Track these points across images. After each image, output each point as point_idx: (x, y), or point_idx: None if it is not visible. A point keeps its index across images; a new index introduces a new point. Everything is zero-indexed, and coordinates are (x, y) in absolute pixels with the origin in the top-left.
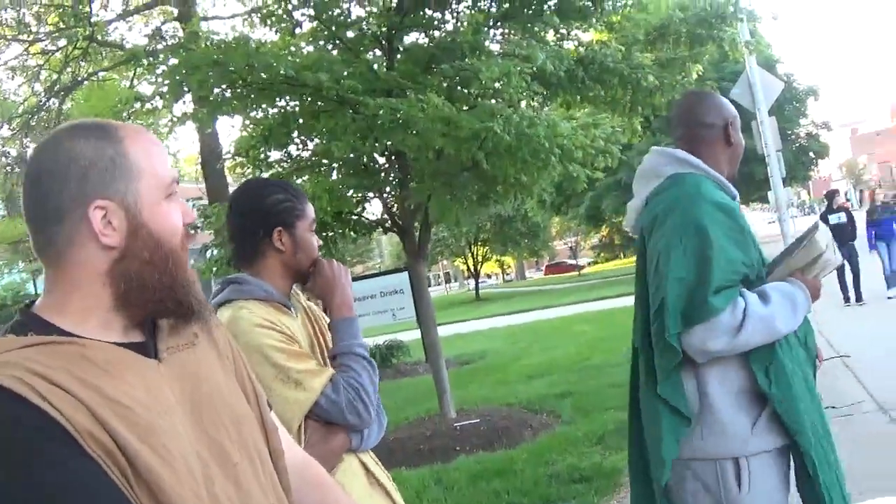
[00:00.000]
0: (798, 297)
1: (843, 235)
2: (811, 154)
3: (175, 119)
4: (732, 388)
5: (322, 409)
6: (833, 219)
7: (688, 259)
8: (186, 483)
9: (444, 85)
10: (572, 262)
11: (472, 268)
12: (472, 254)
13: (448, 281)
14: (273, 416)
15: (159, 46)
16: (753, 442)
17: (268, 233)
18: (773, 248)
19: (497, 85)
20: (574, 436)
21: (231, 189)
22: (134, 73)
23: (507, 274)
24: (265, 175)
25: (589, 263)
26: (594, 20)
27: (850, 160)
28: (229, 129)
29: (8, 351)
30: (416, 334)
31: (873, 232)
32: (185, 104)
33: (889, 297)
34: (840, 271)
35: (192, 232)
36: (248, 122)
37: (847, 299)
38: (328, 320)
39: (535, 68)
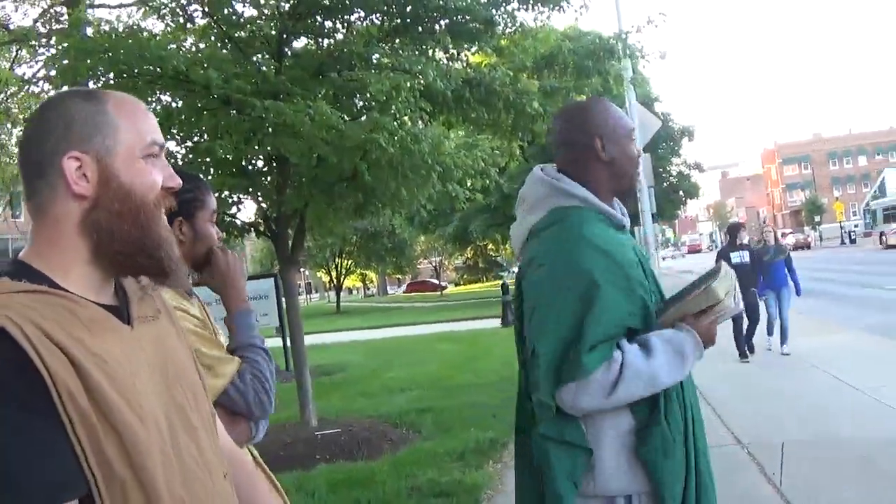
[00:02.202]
0: (686, 347)
1: (745, 279)
2: (681, 193)
3: None
4: (620, 429)
5: (229, 398)
6: (735, 257)
7: (566, 312)
8: (155, 440)
9: (332, 93)
10: (435, 281)
11: (334, 280)
12: (336, 266)
13: (309, 291)
14: None
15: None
16: (643, 478)
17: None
18: None
19: (384, 99)
20: (435, 451)
21: None
22: (14, 56)
23: (369, 289)
24: None
25: (454, 283)
26: (484, 43)
27: (718, 202)
28: None
29: (5, 293)
30: (276, 342)
31: (761, 277)
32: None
33: (784, 354)
34: (738, 326)
35: (173, 197)
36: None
37: (744, 354)
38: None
39: (423, 85)
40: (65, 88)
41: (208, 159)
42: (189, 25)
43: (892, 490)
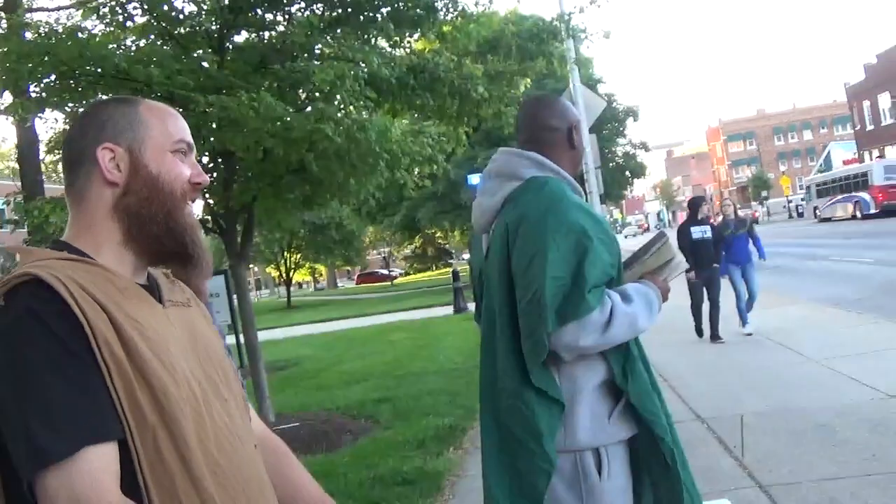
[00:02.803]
0: (653, 297)
1: (705, 255)
2: (627, 173)
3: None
4: (594, 382)
5: None
6: (696, 232)
7: (565, 259)
8: (188, 400)
9: (276, 85)
10: (385, 271)
11: (284, 275)
12: (285, 261)
13: (259, 288)
14: None
15: None
16: (611, 431)
17: None
18: None
19: (329, 88)
20: (395, 440)
21: (47, 185)
22: None
23: (319, 282)
24: None
25: (404, 273)
26: (426, 29)
27: (664, 181)
28: (50, 123)
29: (47, 259)
30: (229, 339)
31: (723, 252)
32: (8, 96)
33: (747, 334)
34: (696, 302)
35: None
36: (70, 116)
37: (700, 332)
38: None
39: (368, 73)
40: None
41: None
42: (129, 24)
43: (851, 455)
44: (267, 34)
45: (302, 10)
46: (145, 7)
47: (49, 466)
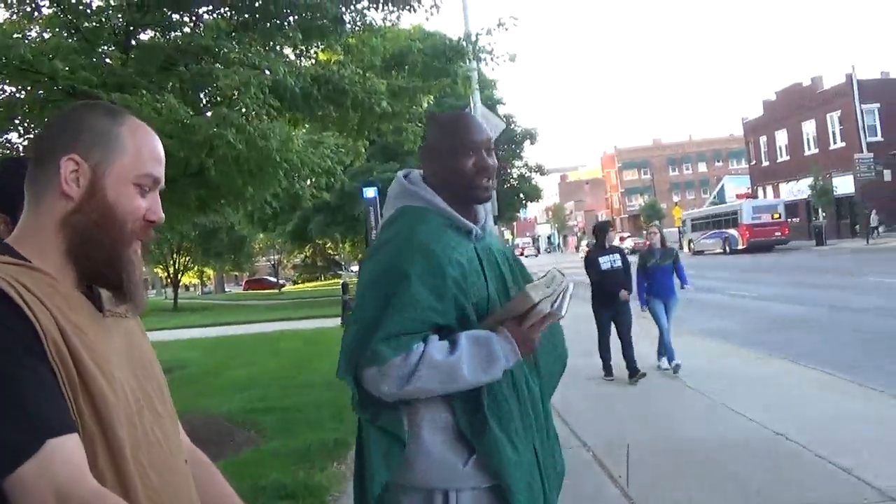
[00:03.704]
0: (496, 347)
1: (616, 285)
2: (521, 196)
3: None
4: (442, 425)
5: None
6: (604, 262)
7: (374, 302)
8: (124, 410)
9: (179, 87)
10: (273, 279)
11: (171, 276)
12: (174, 262)
13: (146, 288)
14: None
15: None
16: (465, 477)
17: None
18: None
19: (233, 94)
20: (279, 452)
21: None
22: None
23: (206, 286)
24: None
25: (293, 282)
26: (333, 41)
27: (557, 205)
28: None
29: None
30: None
31: (645, 284)
32: None
33: (662, 368)
34: (603, 339)
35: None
36: None
37: (609, 371)
38: None
39: (272, 81)
40: (97, 100)
41: None
42: (35, 15)
43: (735, 489)
44: (173, 35)
45: (210, 13)
46: None
47: (23, 462)
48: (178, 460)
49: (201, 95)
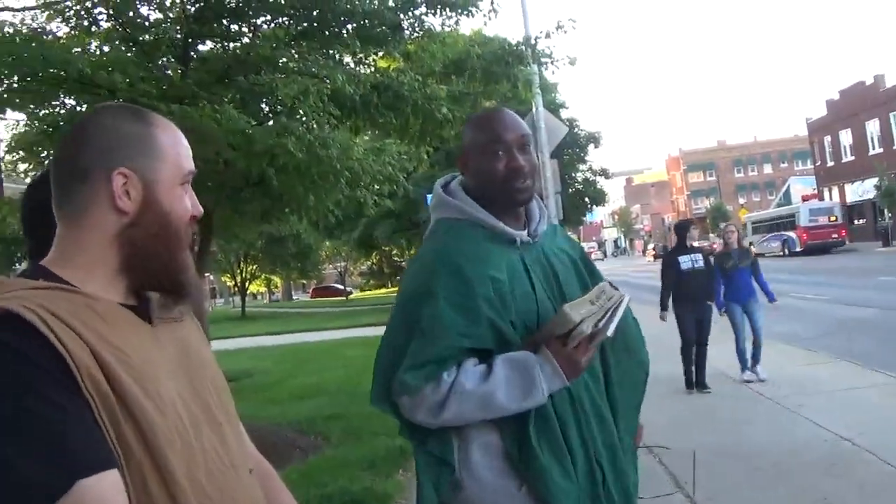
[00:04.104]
0: (535, 372)
1: (698, 289)
2: (587, 199)
3: None
4: (493, 448)
5: None
6: (684, 262)
7: (401, 327)
8: (175, 429)
9: (239, 97)
10: (340, 286)
11: (239, 285)
12: (241, 271)
13: (213, 297)
14: None
15: None
16: (521, 500)
17: None
18: None
19: (292, 103)
20: (345, 459)
21: (6, 185)
22: None
23: (274, 294)
24: None
25: (359, 289)
26: (392, 48)
27: (623, 208)
28: (9, 124)
29: (20, 289)
30: None
31: (723, 288)
32: None
33: (746, 381)
34: (687, 343)
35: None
36: (33, 118)
37: (691, 384)
38: None
39: (331, 89)
40: (111, 102)
41: None
42: (94, 29)
43: (802, 497)
44: (232, 45)
45: (268, 23)
46: (111, 12)
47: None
48: (241, 471)
49: (262, 105)
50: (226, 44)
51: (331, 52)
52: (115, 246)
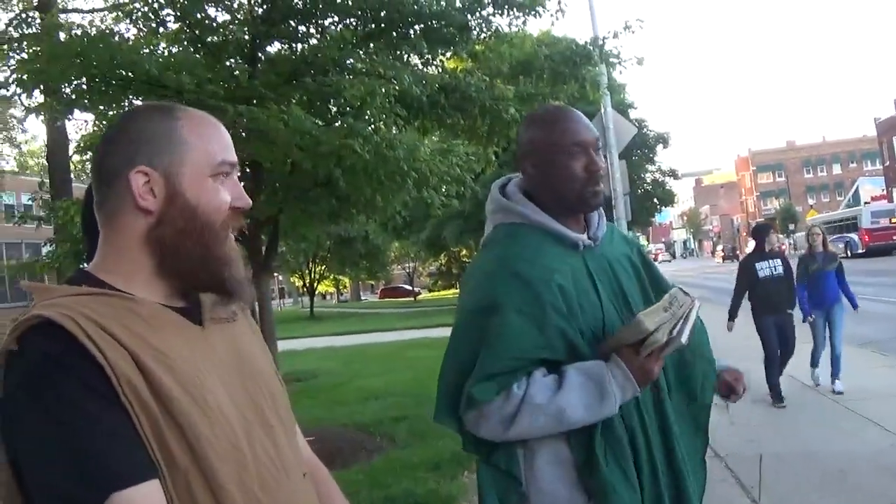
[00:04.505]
0: (607, 381)
1: (778, 298)
2: (655, 200)
3: (28, 108)
4: (560, 460)
5: None
6: (763, 268)
7: (467, 340)
8: (224, 435)
9: (306, 98)
10: (408, 287)
11: (307, 285)
12: (310, 271)
13: (282, 297)
14: None
15: (15, 34)
16: None
17: None
18: None
19: (359, 104)
20: (410, 461)
21: (75, 185)
22: None
23: (342, 294)
24: None
25: (428, 289)
26: (459, 48)
27: (692, 209)
28: (79, 124)
29: (62, 296)
30: None
31: (806, 293)
32: (39, 95)
33: (837, 392)
34: (770, 355)
35: (242, 216)
36: (101, 118)
37: (779, 397)
38: None
39: (398, 90)
40: (142, 103)
41: None
42: (161, 30)
43: (868, 502)
44: (299, 47)
45: (335, 24)
46: (178, 14)
47: None
48: (294, 475)
49: (329, 106)
50: (293, 45)
51: (398, 52)
52: (147, 247)
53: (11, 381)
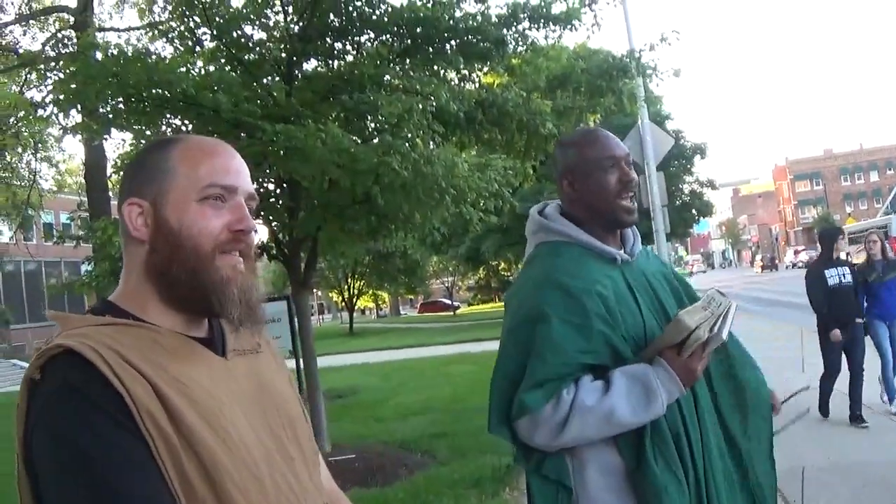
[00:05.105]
0: (653, 382)
1: (846, 307)
2: (694, 211)
3: (65, 128)
4: (610, 467)
5: None
6: (831, 276)
7: (515, 350)
8: (244, 467)
9: (343, 116)
10: (448, 301)
11: (347, 300)
12: (349, 286)
13: (321, 312)
14: None
15: (52, 54)
16: None
17: None
18: None
19: (396, 121)
20: (450, 478)
21: (113, 203)
22: (24, 80)
23: (381, 309)
24: None
25: (467, 304)
26: (496, 63)
27: (730, 219)
28: (117, 143)
29: (86, 326)
30: (288, 364)
31: (865, 304)
32: (76, 115)
33: (893, 412)
34: (830, 370)
35: (244, 239)
36: (138, 137)
37: (826, 410)
38: None
39: (435, 107)
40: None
41: None
42: (197, 49)
43: None
44: (335, 64)
45: (371, 41)
46: (215, 33)
47: None
48: None
49: (366, 123)
50: (330, 62)
51: (434, 68)
52: (148, 276)
53: (34, 409)
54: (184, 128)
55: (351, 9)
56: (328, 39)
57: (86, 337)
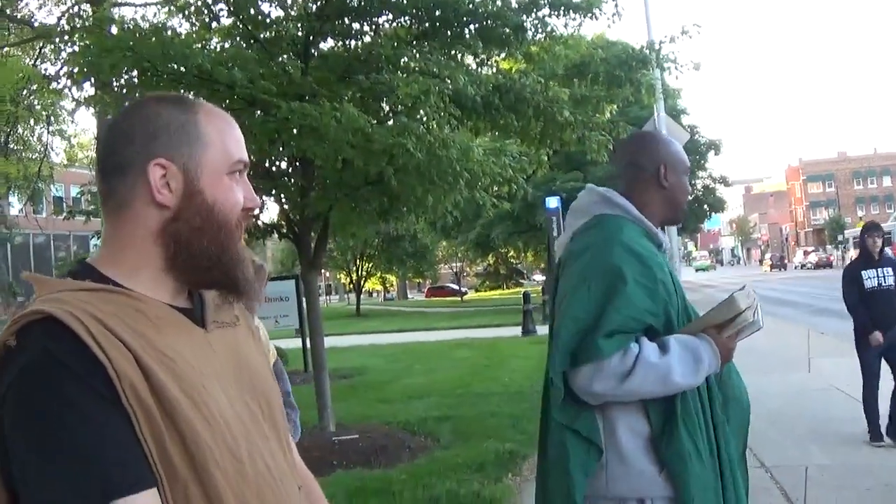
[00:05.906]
0: (702, 353)
1: (886, 311)
2: (706, 207)
3: (79, 101)
4: (638, 431)
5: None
6: (869, 278)
7: (589, 300)
8: (223, 442)
9: (359, 96)
10: (455, 286)
11: (354, 282)
12: (357, 268)
13: (329, 293)
14: None
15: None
16: (659, 486)
17: None
18: None
19: (412, 103)
20: (453, 461)
21: None
22: (38, 53)
23: (389, 292)
24: None
25: (474, 290)
26: (514, 49)
27: (741, 217)
28: None
29: (64, 290)
30: (295, 343)
31: None
32: (89, 88)
33: None
34: (870, 386)
35: (252, 217)
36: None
37: (878, 435)
38: None
39: (452, 90)
40: (155, 92)
41: None
42: (214, 25)
43: None
44: (353, 44)
45: (389, 22)
46: (232, 9)
47: None
48: (290, 487)
49: (382, 104)
50: (347, 42)
51: (452, 52)
52: (159, 242)
53: (6, 376)
54: None
55: None
56: (346, 19)
57: (67, 303)
